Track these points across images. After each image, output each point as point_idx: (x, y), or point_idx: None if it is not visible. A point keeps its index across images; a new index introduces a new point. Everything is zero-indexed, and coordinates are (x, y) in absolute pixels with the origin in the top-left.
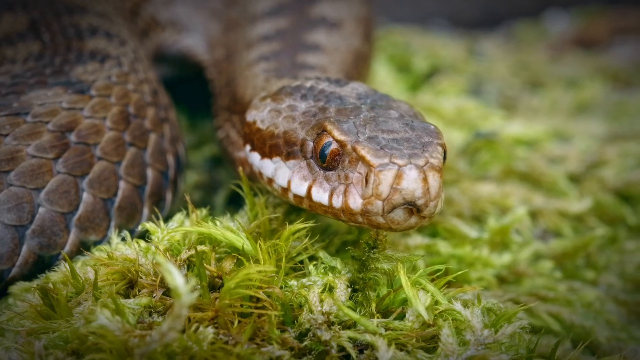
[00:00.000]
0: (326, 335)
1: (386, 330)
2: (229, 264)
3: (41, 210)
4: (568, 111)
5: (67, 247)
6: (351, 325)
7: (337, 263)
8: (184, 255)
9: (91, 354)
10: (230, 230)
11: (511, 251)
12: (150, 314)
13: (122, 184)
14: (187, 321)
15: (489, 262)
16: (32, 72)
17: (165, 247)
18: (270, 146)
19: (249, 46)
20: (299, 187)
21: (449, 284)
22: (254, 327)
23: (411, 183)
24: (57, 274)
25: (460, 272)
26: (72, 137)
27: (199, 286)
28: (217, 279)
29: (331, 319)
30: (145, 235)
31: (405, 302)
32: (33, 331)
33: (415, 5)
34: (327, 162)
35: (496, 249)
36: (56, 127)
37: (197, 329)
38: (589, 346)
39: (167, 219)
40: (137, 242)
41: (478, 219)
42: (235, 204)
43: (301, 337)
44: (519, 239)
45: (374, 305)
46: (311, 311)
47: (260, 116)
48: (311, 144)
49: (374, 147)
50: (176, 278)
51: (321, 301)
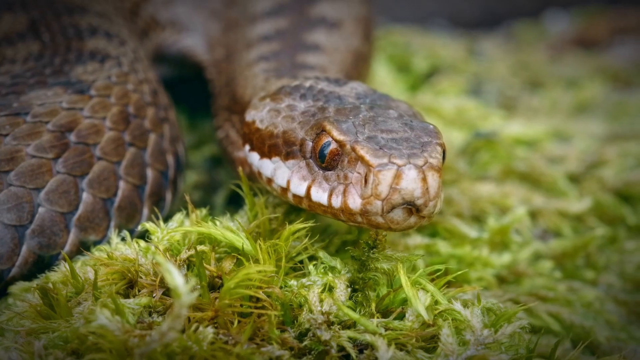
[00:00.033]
0: (326, 335)
1: (386, 330)
2: (228, 264)
3: (41, 210)
4: (568, 111)
5: (67, 247)
6: (351, 325)
7: (337, 263)
8: (184, 255)
9: (91, 353)
10: (230, 230)
11: (511, 251)
12: (150, 314)
13: (122, 184)
14: (186, 321)
15: (488, 262)
16: (32, 72)
17: (165, 247)
18: (269, 146)
19: (249, 46)
20: (298, 187)
21: (449, 284)
22: (253, 327)
23: (410, 183)
24: (57, 274)
25: (460, 272)
26: (72, 137)
27: (199, 286)
28: (217, 279)
29: (331, 318)
30: (145, 235)
31: (405, 302)
32: (33, 331)
33: (415, 5)
34: (327, 162)
35: (496, 249)
36: (56, 127)
37: (197, 328)
38: (589, 346)
39: (166, 219)
40: (137, 242)
41: (478, 219)
42: (235, 204)
43: (301, 337)
44: (519, 239)
45: (373, 305)
46: (311, 311)
47: (259, 116)
48: (310, 143)
49: (373, 147)
50: (176, 278)
51: (321, 301)
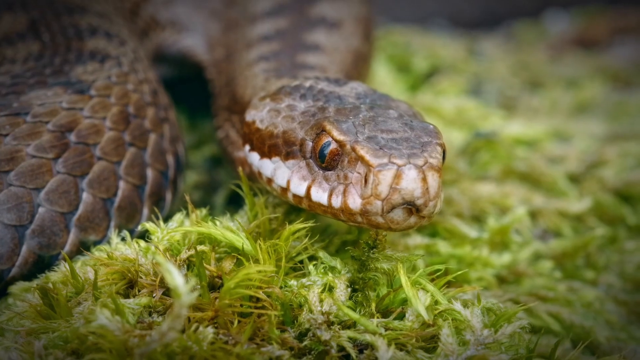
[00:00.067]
0: (326, 335)
1: (386, 330)
2: (228, 264)
3: (41, 210)
4: (568, 111)
5: (67, 247)
6: (351, 325)
7: (337, 263)
8: (184, 255)
9: (91, 353)
10: (230, 230)
11: (511, 251)
12: (150, 314)
13: (122, 184)
14: (186, 321)
15: (488, 262)
16: (32, 72)
17: (165, 247)
18: (269, 146)
19: (249, 46)
20: (298, 187)
21: (449, 284)
22: (253, 327)
23: (410, 183)
24: (57, 274)
25: (460, 272)
26: (72, 137)
27: (199, 286)
28: (216, 279)
29: (331, 318)
30: (145, 235)
31: (405, 302)
32: (33, 331)
33: (415, 5)
34: (327, 162)
35: (496, 249)
36: (56, 127)
37: (197, 328)
38: (589, 346)
39: (166, 219)
40: (137, 242)
41: (478, 219)
42: (235, 204)
43: (301, 337)
44: (519, 239)
45: (373, 305)
46: (311, 311)
47: (259, 116)
48: (310, 143)
49: (373, 147)
50: (176, 278)
51: (321, 301)
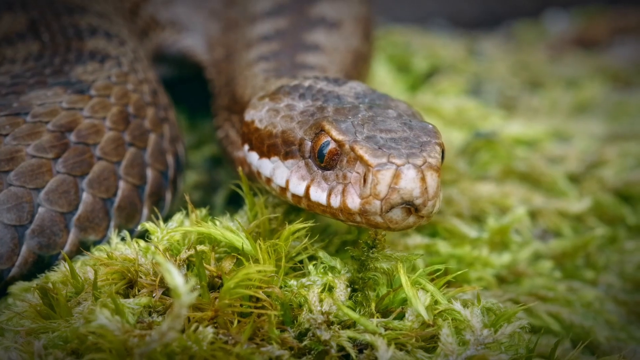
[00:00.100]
0: (326, 335)
1: (386, 330)
2: (228, 264)
3: (41, 210)
4: (568, 111)
5: (67, 247)
6: (351, 325)
7: (337, 263)
8: (184, 255)
9: (91, 353)
10: (229, 230)
11: (511, 251)
12: (150, 314)
13: (122, 184)
14: (186, 321)
15: (488, 262)
16: (31, 72)
17: (165, 247)
18: (268, 146)
19: (249, 46)
20: (297, 187)
21: (449, 284)
22: (253, 326)
23: (409, 182)
24: (57, 274)
25: (459, 272)
26: (72, 137)
27: (199, 286)
28: (216, 279)
29: (331, 318)
30: (144, 235)
31: (405, 301)
32: (32, 331)
33: (415, 5)
34: (325, 161)
35: (496, 248)
36: (56, 127)
37: (197, 328)
38: (589, 346)
39: (166, 219)
40: (137, 242)
41: (478, 218)
42: (234, 203)
43: (301, 336)
44: (519, 238)
45: (373, 305)
46: (311, 311)
47: (258, 115)
48: (309, 143)
49: (372, 147)
50: (176, 278)
51: (321, 301)
